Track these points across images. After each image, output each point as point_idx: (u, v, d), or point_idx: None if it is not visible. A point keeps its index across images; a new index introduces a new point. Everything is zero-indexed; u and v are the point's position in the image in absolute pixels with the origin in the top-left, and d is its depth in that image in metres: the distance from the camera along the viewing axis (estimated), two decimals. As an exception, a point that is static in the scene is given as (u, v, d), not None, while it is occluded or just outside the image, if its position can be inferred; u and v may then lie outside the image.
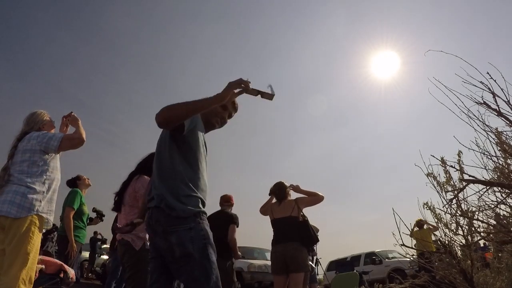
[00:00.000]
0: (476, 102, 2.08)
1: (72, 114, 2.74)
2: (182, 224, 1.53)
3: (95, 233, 10.86)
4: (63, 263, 3.57)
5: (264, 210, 3.94)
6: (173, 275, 1.62)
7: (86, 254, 10.32)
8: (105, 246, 11.34)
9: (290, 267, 3.53)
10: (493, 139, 2.19)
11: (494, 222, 2.46)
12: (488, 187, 2.17)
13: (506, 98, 1.99)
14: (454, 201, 2.43)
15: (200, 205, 1.62)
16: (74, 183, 4.45)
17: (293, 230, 3.62)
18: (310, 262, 4.35)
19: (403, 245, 2.60)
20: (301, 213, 3.73)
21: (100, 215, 4.80)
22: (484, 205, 2.32)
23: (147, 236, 2.45)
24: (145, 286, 2.37)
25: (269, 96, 1.74)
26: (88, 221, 4.60)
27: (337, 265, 10.50)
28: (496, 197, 2.26)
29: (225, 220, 4.03)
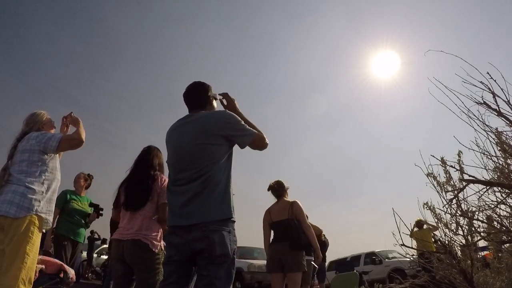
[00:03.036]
0: (476, 102, 2.08)
1: (72, 114, 2.74)
2: (223, 226, 1.73)
3: (92, 232, 10.81)
4: (63, 263, 3.58)
5: (264, 224, 3.85)
6: (188, 279, 1.77)
7: (85, 254, 10.30)
8: (105, 246, 11.32)
9: (285, 267, 3.54)
10: (493, 139, 2.19)
11: (494, 222, 2.46)
12: (488, 187, 2.17)
13: (506, 98, 1.99)
14: (454, 201, 2.43)
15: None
16: None
17: (289, 231, 3.63)
18: (313, 263, 4.33)
19: (403, 245, 2.60)
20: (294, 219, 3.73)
21: (97, 209, 4.58)
22: (484, 205, 2.32)
23: (162, 241, 2.54)
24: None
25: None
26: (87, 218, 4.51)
27: (337, 265, 10.47)
28: (496, 197, 2.26)
29: None
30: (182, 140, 1.87)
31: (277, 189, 3.85)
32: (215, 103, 2.09)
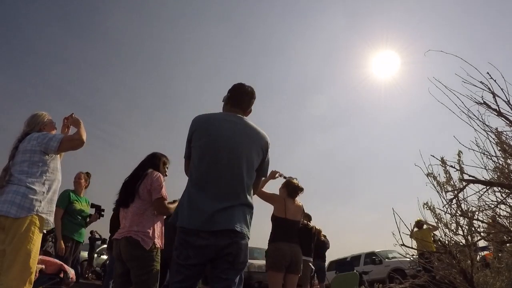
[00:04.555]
0: (476, 102, 2.08)
1: (73, 115, 2.74)
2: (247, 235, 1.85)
3: (92, 232, 10.79)
4: (63, 263, 3.58)
5: (275, 199, 3.75)
6: (199, 279, 1.86)
7: (85, 254, 10.29)
8: (105, 246, 11.30)
9: (291, 268, 3.54)
10: (493, 139, 2.19)
11: (494, 222, 2.46)
12: (488, 187, 2.17)
13: (506, 98, 1.99)
14: (454, 201, 2.43)
15: None
16: None
17: (300, 234, 3.73)
18: (311, 264, 4.38)
19: (403, 245, 2.60)
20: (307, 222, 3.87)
21: (98, 210, 4.66)
22: (484, 205, 2.32)
23: (156, 238, 2.52)
24: (156, 283, 2.46)
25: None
26: (88, 219, 4.55)
27: (337, 265, 10.46)
28: (496, 197, 2.26)
29: None
30: (236, 142, 1.84)
31: (298, 191, 3.91)
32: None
